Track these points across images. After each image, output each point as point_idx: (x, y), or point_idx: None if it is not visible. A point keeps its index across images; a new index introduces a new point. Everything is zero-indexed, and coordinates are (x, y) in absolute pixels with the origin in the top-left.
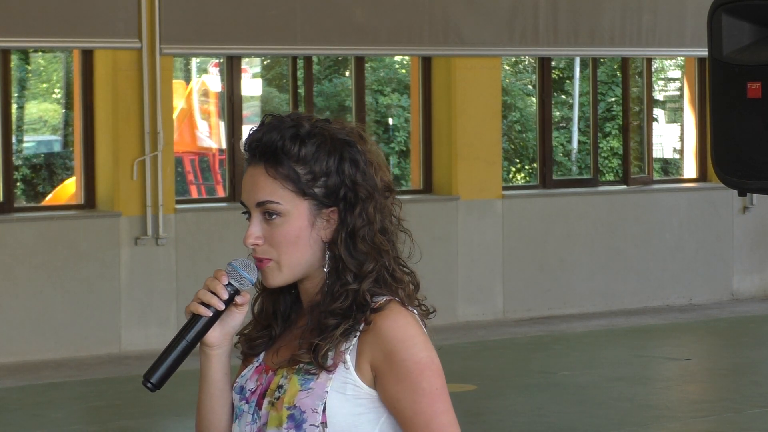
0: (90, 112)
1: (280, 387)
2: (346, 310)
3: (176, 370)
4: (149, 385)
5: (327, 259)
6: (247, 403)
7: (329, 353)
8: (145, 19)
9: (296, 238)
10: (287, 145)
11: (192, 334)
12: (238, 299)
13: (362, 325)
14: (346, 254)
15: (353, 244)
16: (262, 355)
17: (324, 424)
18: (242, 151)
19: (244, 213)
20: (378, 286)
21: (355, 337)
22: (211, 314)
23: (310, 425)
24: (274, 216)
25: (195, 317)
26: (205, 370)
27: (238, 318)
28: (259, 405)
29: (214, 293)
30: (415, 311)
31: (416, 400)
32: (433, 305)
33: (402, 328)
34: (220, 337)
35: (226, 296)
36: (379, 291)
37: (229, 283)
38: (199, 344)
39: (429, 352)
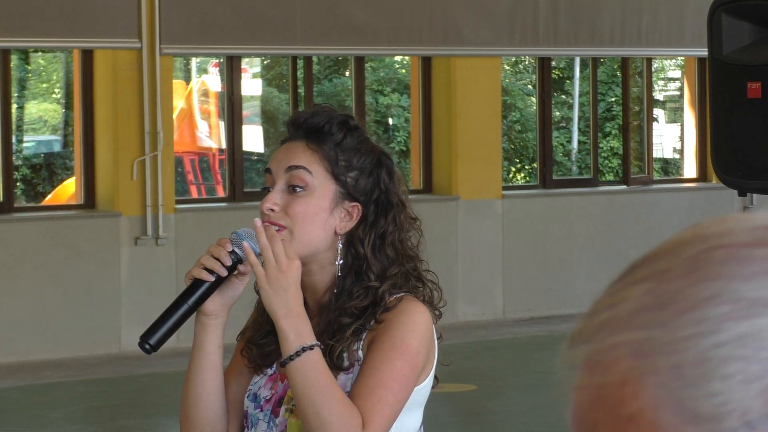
0: (90, 112)
1: None
2: (362, 309)
3: (173, 334)
4: (147, 346)
5: (340, 254)
6: (262, 411)
7: (343, 354)
8: (145, 19)
9: (314, 216)
10: (334, 128)
11: (193, 298)
12: (240, 267)
13: (372, 323)
14: (371, 255)
15: (381, 246)
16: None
17: None
18: (284, 128)
19: (264, 188)
20: (397, 287)
21: (365, 333)
22: (213, 279)
23: None
24: (298, 189)
25: (197, 282)
26: (200, 341)
27: (238, 288)
28: (274, 413)
29: (217, 259)
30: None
31: (379, 367)
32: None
33: (410, 315)
34: (219, 306)
35: (229, 263)
36: (396, 291)
37: (233, 251)
38: (195, 313)
39: (420, 345)
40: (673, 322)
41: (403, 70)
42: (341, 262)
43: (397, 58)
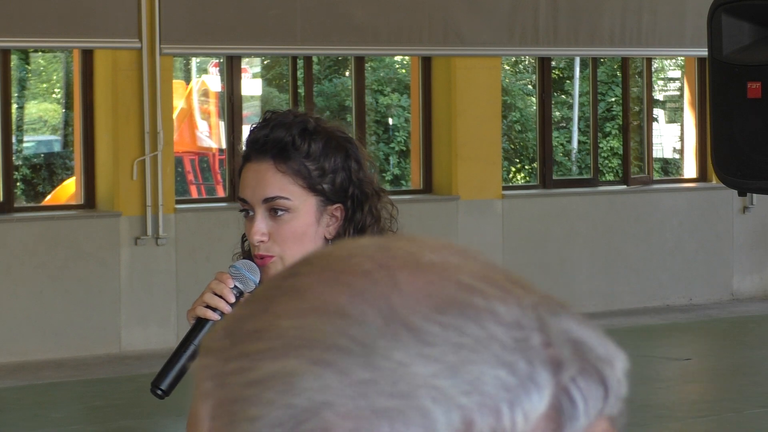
0: (90, 112)
1: None
2: None
3: (183, 376)
4: (159, 392)
5: None
6: None
7: None
8: (145, 19)
9: (303, 235)
10: (297, 140)
11: (200, 338)
12: (243, 301)
13: None
14: None
15: None
16: None
17: None
18: (243, 147)
19: (242, 210)
20: None
21: None
22: (218, 318)
23: None
24: (281, 212)
25: (201, 321)
26: None
27: None
28: None
29: (220, 296)
30: None
31: None
32: None
33: None
34: None
35: (233, 299)
36: None
37: (235, 286)
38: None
39: None
40: (226, 353)
41: (403, 70)
42: None
43: (397, 58)
